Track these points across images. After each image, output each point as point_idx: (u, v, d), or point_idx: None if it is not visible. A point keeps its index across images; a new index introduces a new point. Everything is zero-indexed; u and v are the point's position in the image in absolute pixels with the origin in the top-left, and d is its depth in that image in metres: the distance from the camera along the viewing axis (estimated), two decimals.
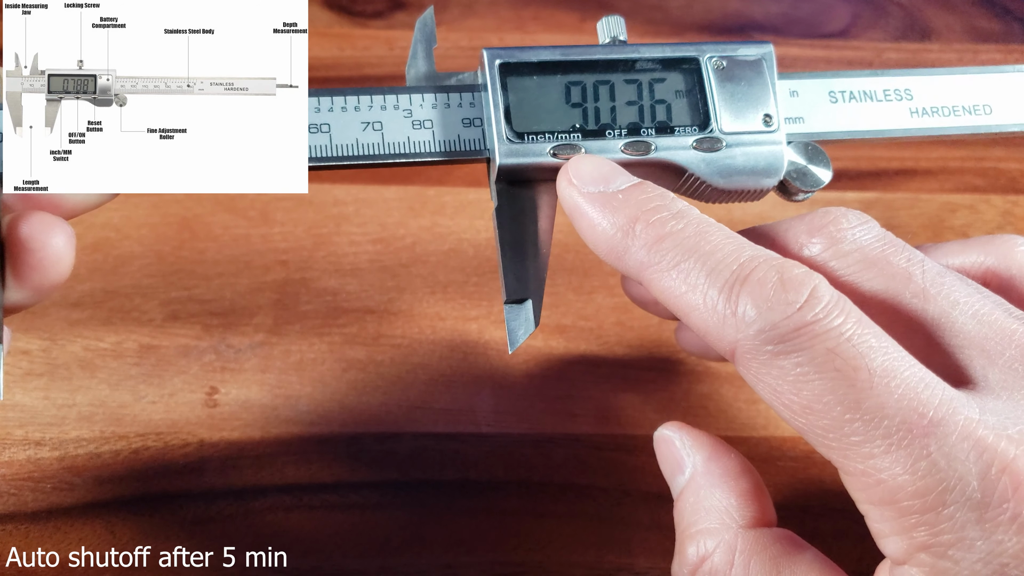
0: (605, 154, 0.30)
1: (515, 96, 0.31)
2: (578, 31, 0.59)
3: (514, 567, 0.37)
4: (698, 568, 0.27)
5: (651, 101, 0.32)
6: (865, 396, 0.23)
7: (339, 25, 0.58)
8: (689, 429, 0.30)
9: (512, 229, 0.31)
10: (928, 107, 0.34)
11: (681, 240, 0.26)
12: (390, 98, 0.31)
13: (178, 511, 0.38)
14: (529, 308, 0.30)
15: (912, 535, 0.23)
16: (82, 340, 0.42)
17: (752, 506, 0.28)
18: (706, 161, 0.31)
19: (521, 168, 0.30)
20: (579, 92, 0.31)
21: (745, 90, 0.32)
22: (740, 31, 0.61)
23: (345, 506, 0.38)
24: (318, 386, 0.42)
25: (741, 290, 0.24)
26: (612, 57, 0.32)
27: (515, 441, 0.40)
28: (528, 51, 0.31)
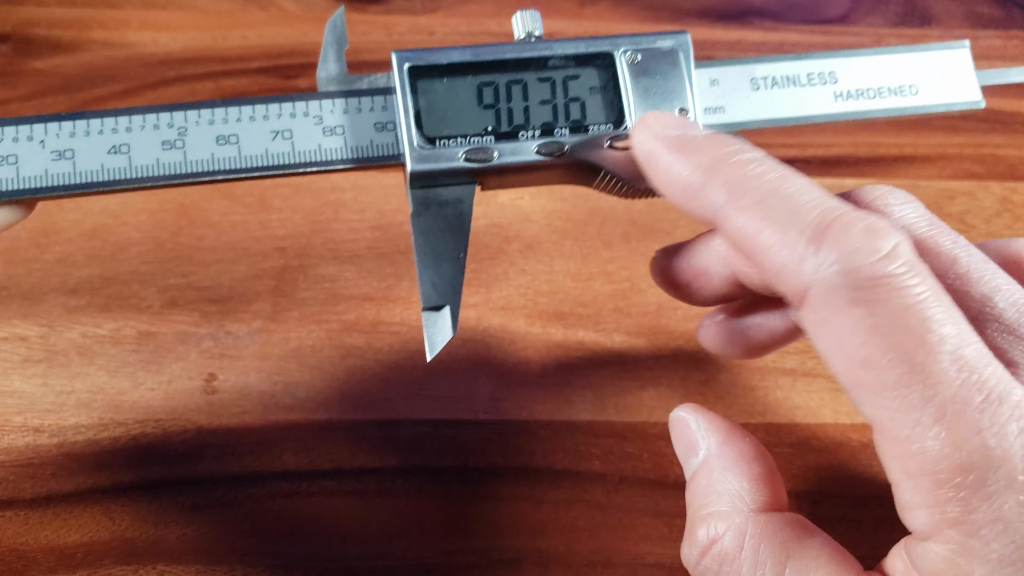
0: (518, 156, 0.30)
1: (425, 100, 0.30)
2: (578, 16, 0.59)
3: (512, 553, 0.37)
4: (708, 550, 0.27)
5: (565, 99, 0.31)
6: (931, 360, 0.23)
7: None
8: (705, 412, 0.30)
9: (429, 235, 0.30)
10: (853, 90, 0.33)
11: (763, 181, 0.26)
12: (299, 105, 0.30)
13: (177, 497, 0.38)
14: (447, 315, 0.30)
15: (944, 509, 0.23)
16: (80, 327, 0.42)
17: (764, 490, 0.28)
18: (621, 159, 0.30)
19: (434, 173, 0.30)
20: (491, 93, 0.31)
21: (660, 83, 0.31)
22: (739, 16, 0.60)
23: (344, 493, 0.38)
24: (316, 373, 0.42)
25: (825, 232, 0.24)
26: (525, 56, 0.31)
27: (513, 428, 0.41)
28: (438, 52, 0.31)
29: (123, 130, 0.29)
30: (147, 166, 0.29)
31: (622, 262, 0.46)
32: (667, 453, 0.40)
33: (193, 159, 0.29)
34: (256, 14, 0.57)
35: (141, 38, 0.55)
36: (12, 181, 0.29)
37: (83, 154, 0.29)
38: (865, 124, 0.34)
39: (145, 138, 0.29)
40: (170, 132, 0.30)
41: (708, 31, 0.59)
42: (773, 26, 0.60)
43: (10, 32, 0.55)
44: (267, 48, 0.55)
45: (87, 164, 0.29)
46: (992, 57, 0.60)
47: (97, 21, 0.55)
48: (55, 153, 0.29)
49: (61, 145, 0.29)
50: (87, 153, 0.29)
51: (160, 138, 0.29)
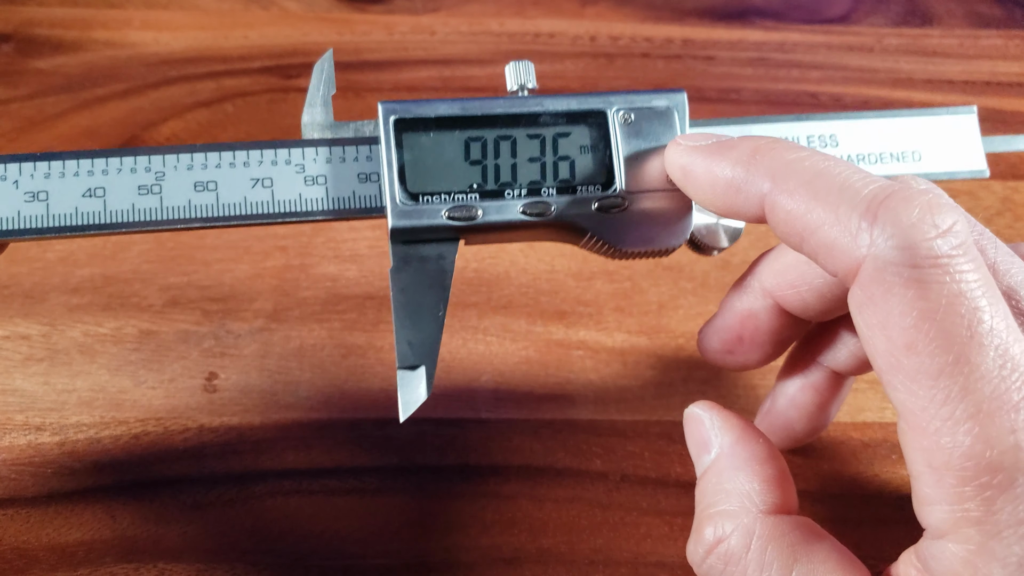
0: (503, 215, 0.29)
1: (411, 154, 0.29)
2: (579, 15, 0.59)
3: (513, 551, 0.37)
4: (713, 549, 0.27)
5: (554, 158, 0.30)
6: (978, 353, 0.22)
7: (338, 10, 0.58)
8: (720, 410, 0.30)
9: (408, 291, 0.29)
10: (855, 154, 0.32)
11: (807, 164, 0.25)
12: (281, 152, 0.29)
13: (178, 496, 0.38)
14: (422, 375, 0.29)
15: (966, 507, 0.22)
16: (82, 325, 0.42)
17: (775, 492, 0.28)
18: (608, 222, 0.30)
19: (416, 230, 0.29)
20: (479, 148, 0.30)
21: (652, 145, 0.30)
22: (740, 16, 0.60)
23: (345, 491, 0.38)
24: (318, 371, 0.42)
25: (881, 205, 0.23)
26: (515, 111, 0.30)
27: (514, 426, 0.41)
28: (426, 105, 0.30)
29: (99, 172, 0.28)
30: (122, 211, 0.28)
31: (623, 261, 0.46)
32: (669, 452, 0.40)
33: (169, 205, 0.28)
34: (258, 14, 0.57)
35: (143, 38, 0.55)
36: None
37: (57, 196, 0.28)
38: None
39: (121, 182, 0.28)
40: (147, 176, 0.29)
41: (709, 30, 0.59)
42: (774, 25, 0.60)
43: (12, 32, 0.55)
44: (269, 47, 0.55)
45: (60, 207, 0.28)
46: (993, 57, 0.60)
47: (99, 21, 0.56)
48: (28, 194, 0.28)
49: (35, 186, 0.28)
50: (61, 195, 0.28)
51: (137, 182, 0.28)
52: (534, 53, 0.57)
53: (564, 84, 0.55)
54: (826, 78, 0.57)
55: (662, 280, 0.46)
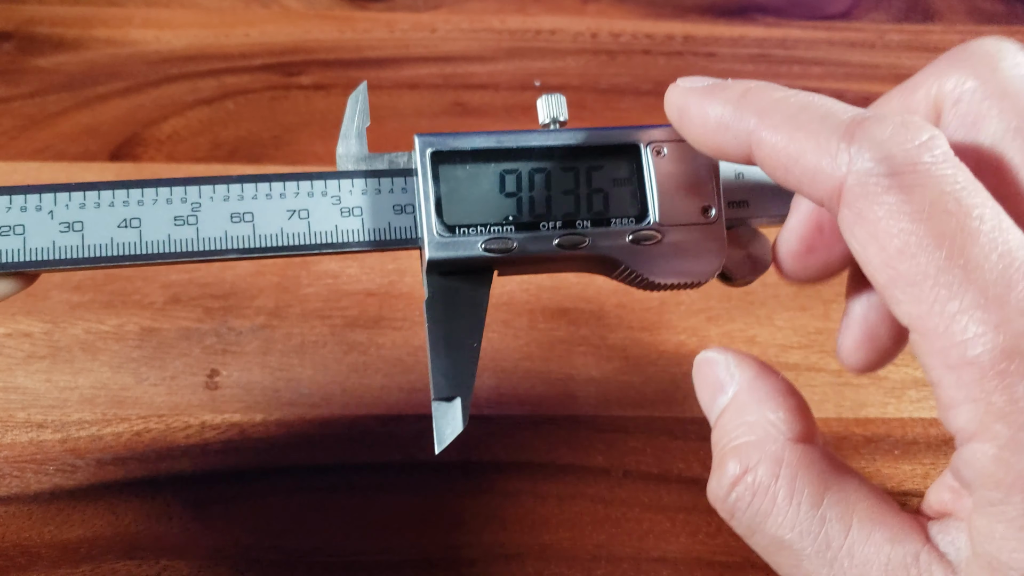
0: (538, 247, 0.29)
1: (447, 186, 0.29)
2: (580, 13, 0.59)
3: (515, 548, 0.37)
4: (739, 481, 0.26)
5: (588, 190, 0.30)
6: (971, 242, 0.22)
7: (339, 8, 0.58)
8: (734, 351, 0.29)
9: (444, 322, 0.29)
10: None
11: (792, 101, 0.26)
12: (318, 184, 0.29)
13: (180, 493, 0.38)
14: (458, 407, 0.29)
15: (990, 400, 0.21)
16: (83, 323, 0.42)
17: (800, 422, 0.27)
18: (642, 254, 0.30)
19: (453, 261, 0.29)
20: (514, 181, 0.30)
21: (685, 179, 0.30)
22: (742, 12, 0.60)
23: (347, 488, 0.38)
24: (319, 368, 0.42)
25: (858, 127, 0.24)
26: (549, 144, 0.30)
27: (516, 423, 0.41)
28: (462, 138, 0.30)
29: (135, 203, 0.28)
30: (158, 242, 0.28)
31: None
32: (671, 448, 0.40)
33: (206, 236, 0.28)
34: (259, 11, 0.57)
35: (144, 36, 0.55)
36: (17, 252, 0.28)
37: (92, 227, 0.28)
38: None
39: (157, 213, 0.28)
40: (183, 207, 0.28)
41: (710, 27, 0.59)
42: (776, 22, 0.60)
43: (13, 30, 0.55)
44: (270, 45, 0.55)
45: (95, 238, 0.28)
46: None
47: (100, 19, 0.56)
48: (63, 224, 0.28)
49: (70, 216, 0.28)
50: (96, 226, 0.28)
51: (173, 213, 0.28)
52: (535, 50, 0.57)
53: (565, 81, 0.55)
54: (828, 74, 0.57)
55: None
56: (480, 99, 0.54)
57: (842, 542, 0.24)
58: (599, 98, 0.54)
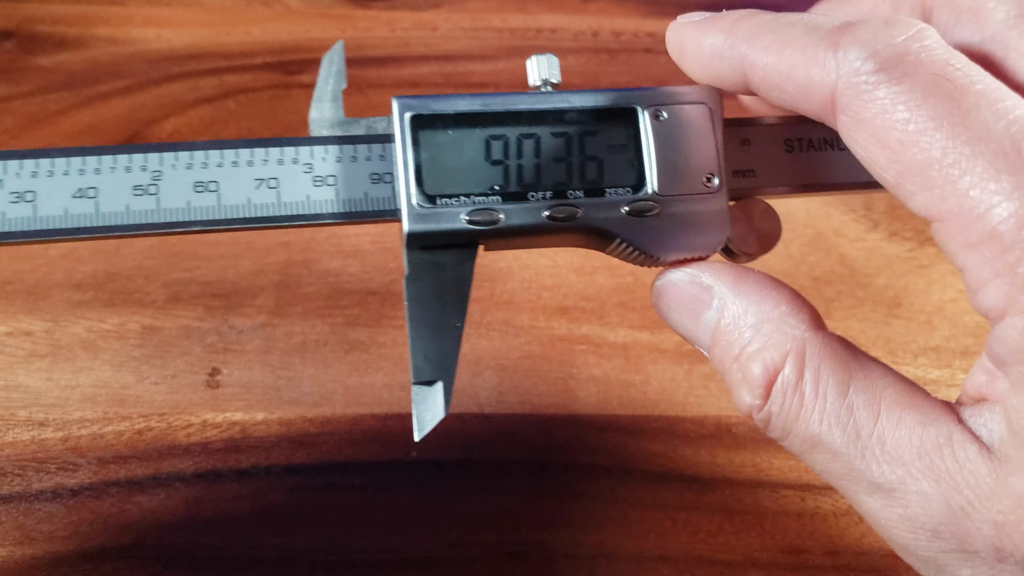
0: (526, 219, 0.27)
1: (428, 153, 0.27)
2: (581, 11, 0.59)
3: (516, 547, 0.37)
4: (771, 385, 0.25)
5: (581, 158, 0.28)
6: (972, 115, 0.22)
7: (340, 6, 0.58)
8: (695, 264, 0.28)
9: (425, 301, 0.27)
10: None
11: (781, 21, 0.25)
12: (288, 151, 0.27)
13: (181, 491, 0.38)
14: (439, 391, 0.27)
15: (1016, 272, 0.21)
16: (85, 321, 0.42)
17: (805, 309, 0.25)
18: (639, 227, 0.28)
19: (434, 234, 0.27)
20: (501, 147, 0.28)
21: (686, 145, 0.28)
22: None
23: (348, 486, 0.38)
24: (320, 367, 0.42)
25: (842, 34, 0.23)
26: (539, 107, 0.28)
27: (517, 421, 0.41)
28: (445, 100, 0.28)
29: (91, 171, 0.26)
30: (115, 213, 0.26)
31: None
32: (671, 446, 0.40)
33: (167, 207, 0.26)
34: (260, 10, 0.57)
35: (145, 34, 0.55)
36: None
37: (45, 197, 0.26)
38: None
39: (115, 181, 0.26)
40: (143, 176, 0.27)
41: None
42: None
43: (14, 29, 0.55)
44: (271, 44, 0.55)
45: (48, 209, 0.26)
46: None
47: (101, 17, 0.55)
48: (14, 195, 0.26)
49: (21, 186, 0.26)
50: (49, 196, 0.26)
51: (132, 182, 0.26)
52: (536, 49, 0.56)
53: (566, 80, 0.54)
54: None
55: None
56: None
57: (872, 429, 0.23)
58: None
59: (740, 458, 0.40)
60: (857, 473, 0.23)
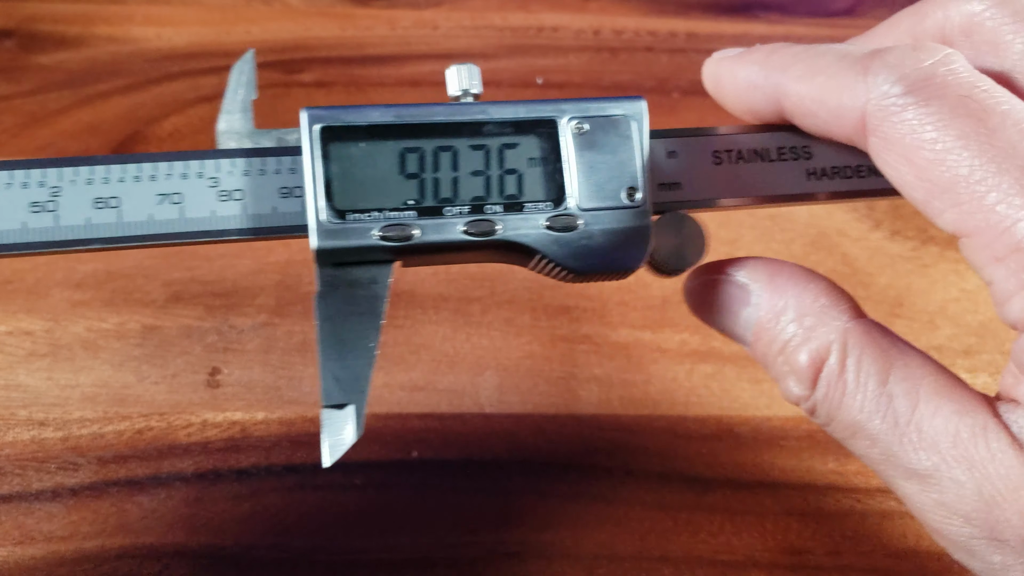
0: (442, 235, 0.27)
1: (339, 167, 0.26)
2: (582, 10, 0.59)
3: (517, 547, 0.37)
4: (817, 375, 0.25)
5: (500, 171, 0.27)
6: (998, 134, 0.23)
7: (341, 5, 0.58)
8: (731, 260, 0.28)
9: (336, 320, 0.26)
10: (829, 167, 0.29)
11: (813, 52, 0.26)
12: (193, 164, 0.26)
13: (181, 491, 0.38)
14: (351, 415, 0.26)
15: None
16: (85, 321, 0.42)
17: (844, 299, 0.26)
18: (560, 242, 0.27)
19: (343, 251, 0.26)
20: (416, 161, 0.27)
21: (608, 158, 0.28)
22: (745, 9, 0.60)
23: (348, 486, 0.38)
24: None
25: (872, 60, 0.24)
26: (457, 119, 0.27)
27: (518, 421, 0.40)
28: (357, 111, 0.27)
29: None
30: (10, 232, 0.25)
31: None
32: (672, 446, 0.40)
33: (66, 224, 0.25)
34: (260, 9, 0.57)
35: (145, 33, 0.55)
36: None
37: None
38: None
39: (10, 198, 0.25)
40: (41, 192, 0.25)
41: (713, 24, 0.59)
42: (779, 19, 0.60)
43: (14, 28, 0.55)
44: (271, 43, 0.55)
45: None
46: None
47: (101, 16, 0.55)
48: None
49: None
50: None
51: (29, 198, 0.25)
52: (537, 47, 0.56)
53: (567, 79, 0.55)
54: None
55: None
56: (482, 97, 0.54)
57: (910, 416, 0.24)
58: (602, 95, 0.54)
59: (741, 458, 0.40)
60: (895, 459, 0.24)
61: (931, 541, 0.38)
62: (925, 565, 0.38)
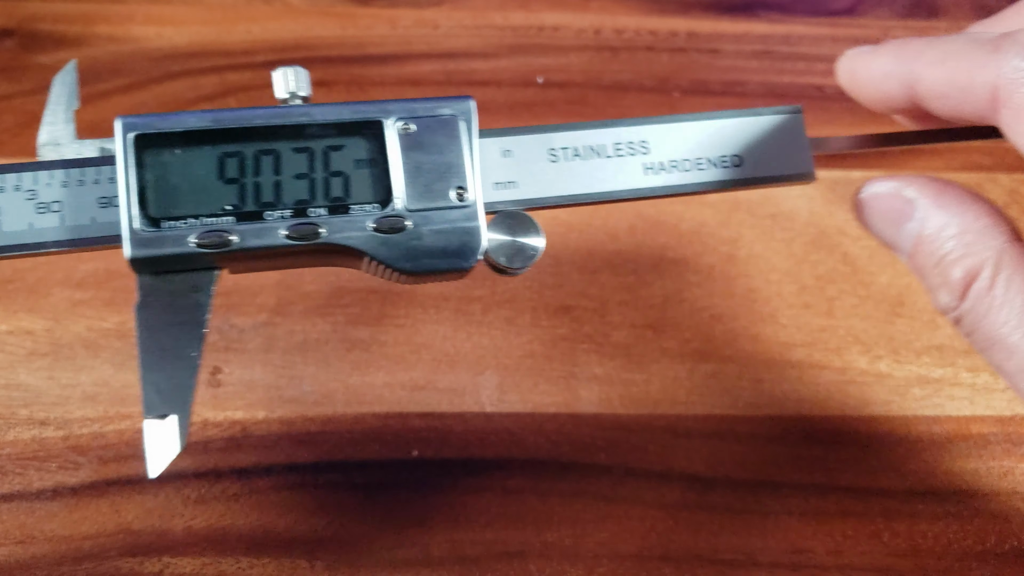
0: (263, 240, 0.26)
1: (154, 174, 0.26)
2: (583, 9, 0.59)
3: (518, 545, 0.37)
4: (968, 289, 0.27)
5: (325, 174, 0.27)
6: None
7: (341, 4, 0.58)
8: (900, 177, 0.29)
9: (156, 330, 0.26)
10: (667, 161, 0.29)
11: (944, 38, 0.28)
12: (10, 177, 0.26)
13: (182, 490, 0.38)
14: (173, 426, 0.26)
15: None
16: (86, 320, 0.42)
17: (1004, 222, 0.28)
18: (388, 244, 0.27)
19: (160, 259, 0.26)
20: (236, 165, 0.26)
21: (436, 158, 0.27)
22: (746, 8, 0.60)
23: (349, 485, 0.38)
24: (322, 366, 0.42)
25: (1002, 40, 0.26)
26: (279, 123, 0.27)
27: (518, 420, 0.40)
28: (174, 118, 0.26)
29: None
30: None
31: (628, 255, 0.46)
32: (673, 446, 0.40)
33: None
34: (261, 8, 0.57)
35: (146, 32, 0.55)
36: None
37: None
38: (872, 115, 0.33)
39: None
40: None
41: (714, 23, 0.59)
42: (780, 18, 0.60)
43: (15, 27, 0.55)
44: (272, 42, 0.55)
45: None
46: None
47: (102, 16, 0.55)
48: None
49: None
50: None
51: None
52: (538, 46, 0.56)
53: (568, 78, 0.55)
54: (832, 71, 0.57)
55: (667, 273, 0.46)
56: (483, 96, 0.54)
57: None
58: (602, 95, 0.54)
59: (742, 457, 0.40)
60: None
61: (932, 541, 0.38)
62: (926, 565, 0.38)
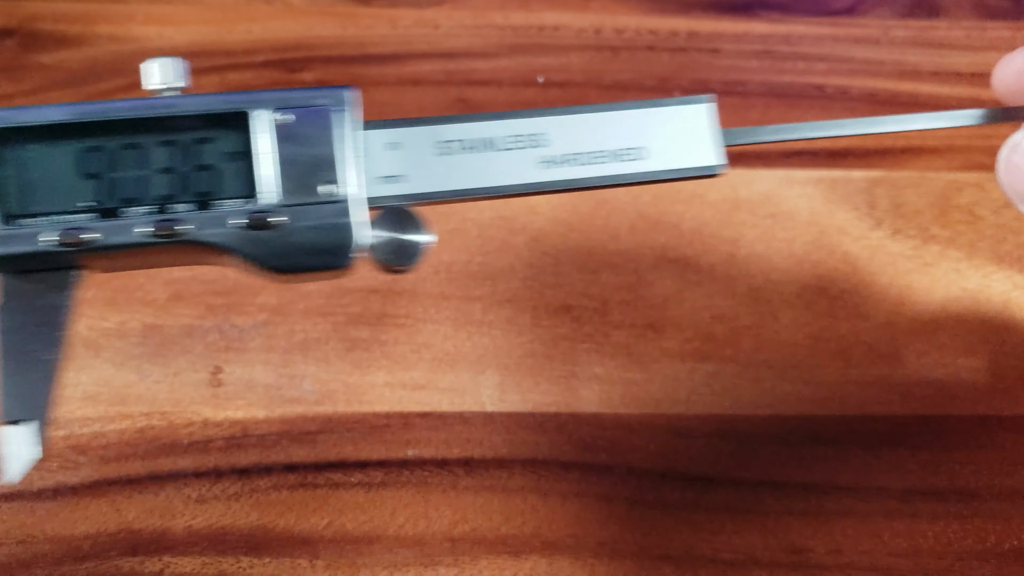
0: (125, 237, 0.25)
1: (11, 170, 0.25)
2: (584, 8, 0.59)
3: (519, 545, 0.37)
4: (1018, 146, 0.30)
5: (191, 168, 0.26)
6: None
7: (342, 4, 0.58)
8: None
9: (16, 332, 0.25)
10: (564, 155, 0.28)
11: None
12: None
13: (183, 489, 0.38)
14: (31, 432, 0.25)
15: None
16: (86, 319, 0.42)
17: None
18: (257, 241, 0.26)
19: (14, 258, 0.25)
20: (97, 160, 0.26)
21: (309, 151, 0.26)
22: (746, 8, 0.60)
23: (350, 485, 0.38)
24: (322, 365, 0.41)
25: None
26: (144, 115, 0.26)
27: (519, 420, 0.40)
28: (31, 111, 0.25)
29: None
30: None
31: (629, 254, 0.46)
32: (674, 445, 0.40)
33: None
34: (261, 8, 0.57)
35: (146, 32, 0.55)
36: None
37: None
38: (873, 115, 0.33)
39: None
40: None
41: (714, 23, 0.59)
42: (780, 18, 0.60)
43: (16, 27, 0.55)
44: (272, 42, 0.55)
45: None
46: (1001, 48, 0.59)
47: (102, 15, 0.55)
48: None
49: None
50: None
51: None
52: (538, 46, 0.56)
53: (569, 77, 0.55)
54: (832, 70, 0.57)
55: (668, 273, 0.46)
56: (483, 95, 0.54)
57: None
58: (603, 94, 0.54)
59: (742, 456, 0.40)
60: None
61: (932, 541, 0.38)
62: (926, 564, 0.38)
